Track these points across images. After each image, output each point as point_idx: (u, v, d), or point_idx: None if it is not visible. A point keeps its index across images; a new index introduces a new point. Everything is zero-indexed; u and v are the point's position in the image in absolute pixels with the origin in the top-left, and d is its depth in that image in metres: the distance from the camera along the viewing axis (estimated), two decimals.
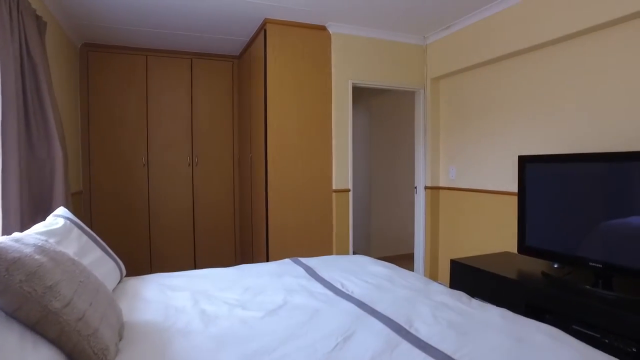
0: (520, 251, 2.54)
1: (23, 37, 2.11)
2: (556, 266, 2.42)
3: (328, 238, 3.50)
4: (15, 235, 1.17)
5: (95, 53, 3.83)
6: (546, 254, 2.37)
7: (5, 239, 1.06)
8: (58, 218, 1.70)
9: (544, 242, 2.39)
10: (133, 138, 3.98)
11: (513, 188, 2.78)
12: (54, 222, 1.65)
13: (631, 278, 2.04)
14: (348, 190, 3.53)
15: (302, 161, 3.40)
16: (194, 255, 4.22)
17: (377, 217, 5.04)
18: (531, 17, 2.71)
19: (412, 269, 3.99)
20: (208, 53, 4.22)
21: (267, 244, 3.31)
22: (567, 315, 1.99)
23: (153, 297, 1.69)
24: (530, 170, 2.50)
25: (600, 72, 2.40)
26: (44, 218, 1.78)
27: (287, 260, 2.31)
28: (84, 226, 1.80)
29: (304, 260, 2.27)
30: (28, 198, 2.12)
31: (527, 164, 2.52)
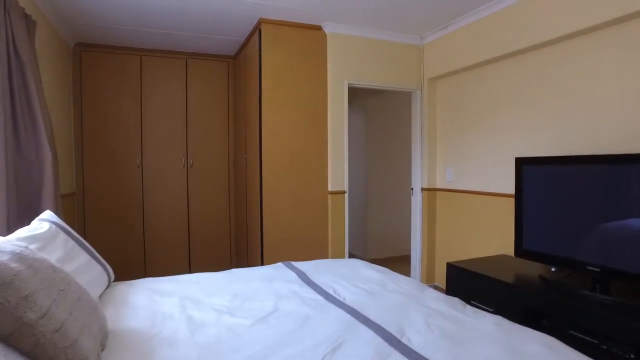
0: (517, 254, 2.50)
1: (10, 36, 2.07)
2: (554, 270, 2.39)
3: (324, 240, 3.46)
4: None
5: (88, 53, 3.79)
6: (543, 258, 2.34)
7: None
8: (43, 222, 1.66)
9: (541, 246, 2.36)
10: (127, 139, 3.93)
11: (510, 190, 2.75)
12: (39, 227, 1.61)
13: (629, 282, 2.01)
14: (344, 192, 3.49)
15: (297, 162, 3.36)
16: (189, 257, 4.18)
17: (374, 219, 5.00)
18: (528, 18, 2.68)
19: (409, 271, 3.95)
20: (203, 53, 4.18)
21: (262, 247, 3.27)
22: (565, 320, 1.96)
23: (141, 303, 1.65)
24: (527, 172, 2.47)
25: (597, 73, 2.37)
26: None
27: (280, 264, 2.27)
28: (71, 230, 1.76)
29: (297, 264, 2.23)
30: (15, 201, 2.08)
31: (524, 166, 2.48)
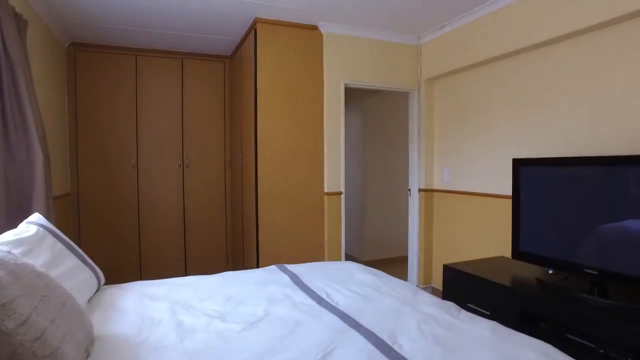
0: (514, 257, 2.48)
1: None
2: (551, 272, 2.37)
3: (320, 242, 3.43)
4: None
5: (83, 53, 3.76)
6: (541, 260, 2.31)
7: None
8: (30, 225, 1.63)
9: (539, 248, 2.33)
10: (122, 139, 3.90)
11: (508, 191, 2.72)
12: (26, 230, 1.58)
13: (627, 285, 1.99)
14: (340, 193, 3.46)
15: (293, 163, 3.33)
16: (185, 259, 4.15)
17: (371, 220, 4.97)
18: (526, 17, 2.65)
19: (406, 273, 3.93)
20: (199, 53, 4.15)
21: (257, 248, 3.24)
22: (562, 323, 1.93)
23: (130, 308, 1.62)
24: (524, 173, 2.44)
25: (595, 74, 2.34)
26: None
27: (273, 267, 2.24)
28: (60, 233, 1.73)
29: (291, 267, 2.20)
30: (5, 203, 2.05)
31: (522, 167, 2.46)
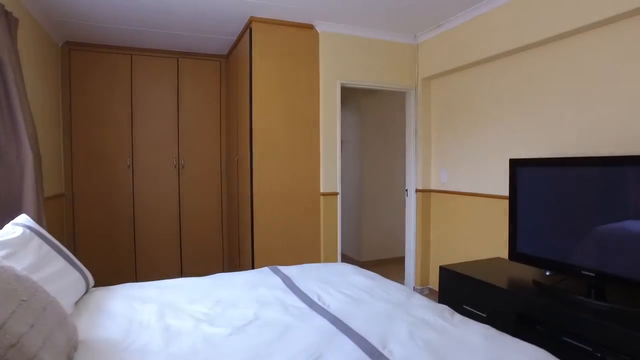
0: (511, 258, 2.45)
1: None
2: (548, 274, 2.34)
3: (316, 243, 3.40)
4: None
5: (77, 52, 3.73)
6: (538, 261, 2.28)
7: None
8: (17, 227, 1.60)
9: (536, 249, 2.30)
10: (117, 139, 3.87)
11: (506, 191, 2.69)
12: (11, 232, 1.55)
13: (625, 288, 1.96)
14: (336, 193, 3.43)
15: (289, 164, 3.30)
16: (180, 260, 4.12)
17: (368, 220, 4.94)
18: (523, 16, 2.62)
19: (403, 274, 3.90)
20: (195, 52, 4.12)
21: (253, 249, 3.22)
22: (558, 326, 1.90)
23: (118, 311, 1.60)
24: (521, 174, 2.41)
25: (593, 73, 2.31)
26: None
27: (266, 268, 2.21)
28: (47, 235, 1.70)
29: (283, 268, 2.17)
30: None
31: (518, 168, 2.43)
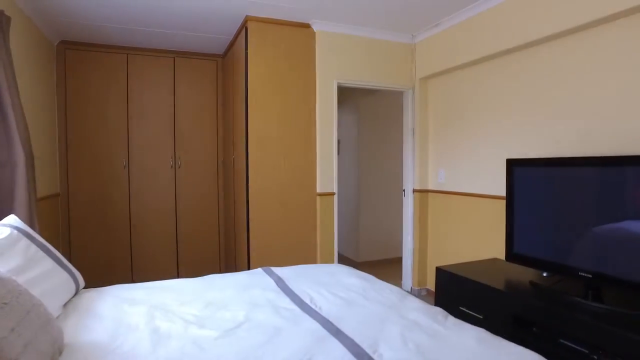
0: (508, 259, 2.43)
1: None
2: (545, 275, 2.31)
3: (312, 243, 3.38)
4: None
5: (73, 51, 3.71)
6: (535, 262, 2.26)
7: None
8: (4, 228, 1.58)
9: (533, 250, 2.28)
10: (113, 139, 3.85)
11: (503, 192, 2.66)
12: None
13: (622, 289, 1.93)
14: (333, 193, 3.41)
15: (285, 164, 3.28)
16: (177, 260, 4.10)
17: (366, 221, 4.92)
18: (520, 15, 2.60)
19: (400, 274, 3.87)
20: (191, 52, 4.10)
21: (249, 250, 3.19)
22: (555, 328, 1.88)
23: (106, 313, 1.57)
24: (518, 174, 2.39)
25: (592, 72, 2.29)
26: None
27: (259, 270, 2.19)
28: (35, 235, 1.68)
29: (276, 270, 2.15)
30: None
31: (516, 168, 2.40)
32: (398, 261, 4.02)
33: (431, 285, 3.64)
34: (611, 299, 1.90)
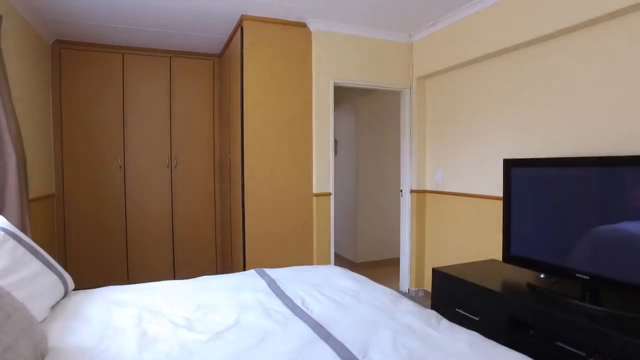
0: (505, 260, 2.40)
1: None
2: (543, 276, 2.28)
3: (308, 244, 3.35)
4: None
5: (68, 50, 3.68)
6: (532, 264, 2.23)
7: None
8: None
9: (530, 251, 2.25)
10: (109, 139, 3.83)
11: (501, 192, 2.63)
12: None
13: (620, 291, 1.90)
14: (329, 194, 3.38)
15: (281, 164, 3.25)
16: (173, 261, 4.07)
17: (364, 221, 4.89)
18: (518, 14, 2.57)
19: (398, 275, 3.85)
20: (188, 51, 4.07)
21: (244, 251, 3.16)
22: (552, 331, 1.85)
23: (94, 315, 1.54)
24: (516, 174, 2.36)
25: (591, 71, 2.26)
26: None
27: (252, 271, 2.16)
28: (23, 237, 1.65)
29: (269, 271, 2.12)
30: None
31: (513, 168, 2.37)
32: (396, 262, 3.99)
33: (428, 286, 3.62)
34: (609, 302, 1.87)
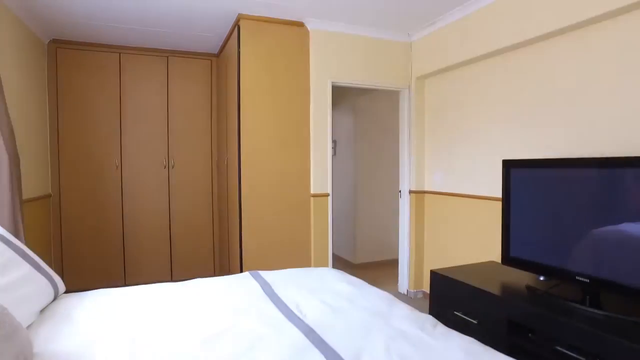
0: (504, 262, 2.36)
1: None
2: (542, 279, 2.25)
3: (306, 245, 3.32)
4: None
5: (64, 50, 3.65)
6: (531, 266, 2.20)
7: None
8: None
9: (530, 253, 2.22)
10: (106, 139, 3.80)
11: (500, 193, 2.60)
12: None
13: (621, 295, 1.87)
14: (327, 194, 3.35)
15: (278, 165, 3.22)
16: (170, 263, 4.05)
17: (362, 222, 4.85)
18: (518, 13, 2.53)
19: (397, 276, 3.81)
20: (185, 51, 4.04)
21: (241, 252, 3.14)
22: (551, 334, 1.82)
23: (83, 320, 1.51)
24: (515, 175, 2.33)
25: (591, 71, 2.22)
26: None
27: (246, 273, 2.13)
28: (11, 239, 1.62)
29: (264, 274, 2.09)
30: None
31: (512, 169, 2.34)
32: (395, 263, 3.96)
33: (427, 287, 3.57)
34: (609, 305, 1.84)
